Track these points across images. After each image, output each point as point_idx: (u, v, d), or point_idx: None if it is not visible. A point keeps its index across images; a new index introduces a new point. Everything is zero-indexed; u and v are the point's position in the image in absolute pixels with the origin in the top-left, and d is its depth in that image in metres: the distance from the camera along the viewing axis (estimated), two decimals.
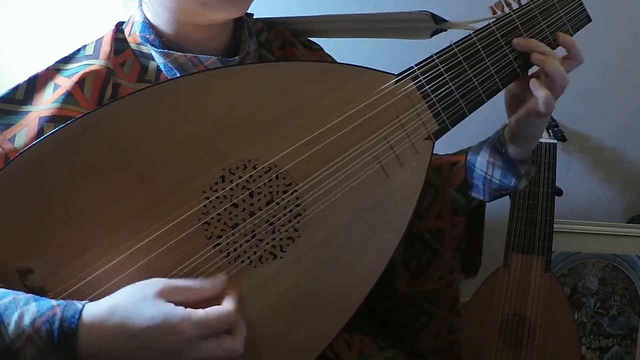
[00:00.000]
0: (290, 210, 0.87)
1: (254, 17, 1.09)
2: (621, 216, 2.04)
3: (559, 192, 1.74)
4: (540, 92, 0.94)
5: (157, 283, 0.75)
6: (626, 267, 1.86)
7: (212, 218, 0.83)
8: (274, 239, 0.86)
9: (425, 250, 1.09)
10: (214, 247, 0.83)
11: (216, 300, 0.78)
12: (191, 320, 0.72)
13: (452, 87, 0.94)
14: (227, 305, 0.76)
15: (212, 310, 0.74)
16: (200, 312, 0.73)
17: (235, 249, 0.84)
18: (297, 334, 0.88)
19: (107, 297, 0.74)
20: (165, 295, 0.74)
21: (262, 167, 0.86)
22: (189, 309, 0.73)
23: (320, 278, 0.89)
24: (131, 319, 0.71)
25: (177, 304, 0.74)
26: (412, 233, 1.09)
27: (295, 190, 0.87)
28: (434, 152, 0.96)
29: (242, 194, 0.85)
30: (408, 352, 1.11)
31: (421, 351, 1.13)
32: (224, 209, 0.84)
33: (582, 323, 1.84)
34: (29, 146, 0.80)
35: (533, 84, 0.95)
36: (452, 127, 0.95)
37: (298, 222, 0.87)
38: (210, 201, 0.83)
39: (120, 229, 0.80)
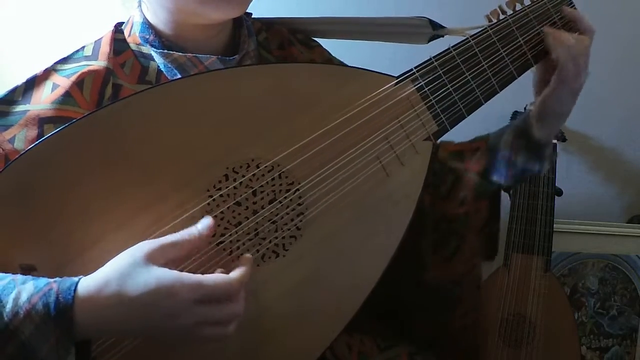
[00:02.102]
0: (293, 209, 0.87)
1: (252, 17, 1.09)
2: (621, 216, 2.04)
3: (559, 192, 1.74)
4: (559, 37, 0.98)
5: (143, 246, 0.75)
6: (626, 267, 1.86)
7: (215, 216, 0.83)
8: (276, 238, 0.87)
9: (453, 235, 1.09)
10: (217, 244, 0.84)
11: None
12: (183, 282, 0.72)
13: (451, 89, 0.95)
14: (232, 274, 0.77)
15: (210, 275, 0.75)
16: (195, 276, 0.74)
17: (238, 247, 0.85)
18: (299, 332, 0.89)
19: (100, 269, 0.74)
20: (155, 257, 0.74)
21: (265, 166, 0.86)
22: (182, 273, 0.73)
23: (323, 276, 0.89)
24: (125, 287, 0.72)
25: (170, 262, 0.74)
26: (435, 219, 1.09)
27: (298, 189, 0.87)
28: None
29: (245, 193, 0.85)
30: (410, 351, 1.11)
31: (448, 333, 1.13)
32: (227, 208, 0.85)
33: (582, 323, 1.84)
34: (32, 145, 0.80)
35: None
36: (451, 128, 0.96)
37: (300, 221, 0.88)
38: (213, 199, 0.84)
39: (123, 227, 0.80)
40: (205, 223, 0.80)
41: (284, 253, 0.87)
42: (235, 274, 0.77)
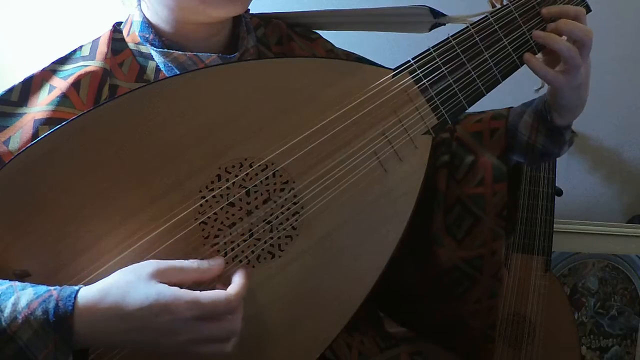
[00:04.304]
0: (288, 209, 0.86)
1: (250, 12, 1.08)
2: (621, 216, 2.04)
3: (559, 192, 1.74)
4: (542, 72, 0.96)
5: (150, 264, 0.75)
6: (626, 267, 1.86)
7: (208, 217, 0.83)
8: (272, 238, 0.86)
9: (467, 215, 1.07)
10: (211, 246, 0.83)
11: (223, 285, 0.78)
12: (183, 299, 0.72)
13: (450, 81, 0.94)
14: (229, 289, 0.76)
15: (208, 293, 0.74)
16: (194, 293, 0.73)
17: (232, 249, 0.84)
18: (298, 334, 0.88)
19: (102, 279, 0.74)
20: (159, 276, 0.74)
21: (259, 165, 0.85)
22: (182, 289, 0.73)
23: (320, 276, 0.88)
24: (124, 300, 0.72)
25: (171, 284, 0.74)
26: (451, 198, 1.08)
27: (293, 188, 0.87)
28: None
29: (239, 193, 0.85)
30: (410, 351, 1.10)
31: (459, 315, 1.12)
32: (221, 208, 0.84)
33: (582, 323, 1.84)
34: (24, 149, 0.80)
35: (534, 65, 0.96)
36: (451, 122, 0.95)
37: (296, 220, 0.87)
38: (206, 200, 0.83)
39: (117, 230, 0.80)
40: (217, 260, 0.80)
41: (280, 254, 0.86)
42: (233, 289, 0.76)
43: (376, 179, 0.90)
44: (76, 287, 0.73)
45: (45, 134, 0.80)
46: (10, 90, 0.90)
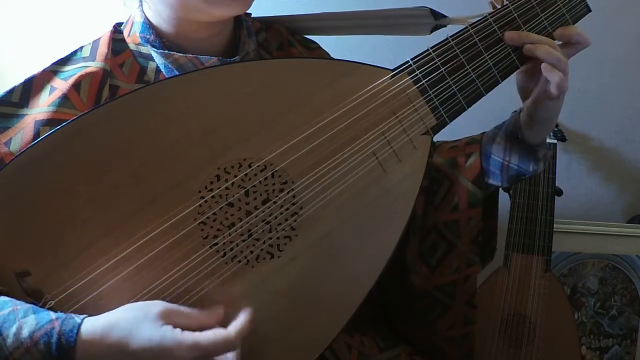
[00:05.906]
0: (287, 209, 0.86)
1: (252, 16, 1.09)
2: (621, 216, 2.03)
3: (559, 192, 1.74)
4: (553, 76, 0.94)
5: (158, 305, 0.76)
6: (626, 267, 1.85)
7: (208, 218, 0.83)
8: (270, 238, 0.86)
9: (441, 242, 1.08)
10: (211, 247, 0.83)
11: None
12: (185, 344, 0.72)
13: (450, 81, 0.94)
14: (230, 328, 0.76)
15: (207, 335, 0.74)
16: (194, 336, 0.73)
17: (231, 249, 0.84)
18: (297, 334, 0.88)
19: (106, 313, 0.75)
20: (165, 317, 0.74)
21: (258, 166, 0.85)
22: (186, 332, 0.73)
23: (319, 277, 0.88)
24: (129, 338, 0.72)
25: (176, 326, 0.74)
26: (427, 225, 1.08)
27: (292, 189, 0.87)
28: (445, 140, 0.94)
29: (238, 193, 0.85)
30: (409, 351, 1.10)
31: (434, 341, 1.12)
32: (220, 209, 0.84)
33: (582, 323, 1.83)
34: (24, 149, 0.80)
35: (545, 68, 0.95)
36: (450, 122, 0.95)
37: (295, 221, 0.87)
38: (205, 201, 0.83)
39: (116, 230, 0.80)
40: (218, 311, 0.79)
41: (279, 254, 0.86)
42: (235, 327, 0.76)
43: (375, 180, 0.90)
44: (78, 320, 0.72)
45: (45, 134, 0.81)
46: (11, 91, 0.90)
